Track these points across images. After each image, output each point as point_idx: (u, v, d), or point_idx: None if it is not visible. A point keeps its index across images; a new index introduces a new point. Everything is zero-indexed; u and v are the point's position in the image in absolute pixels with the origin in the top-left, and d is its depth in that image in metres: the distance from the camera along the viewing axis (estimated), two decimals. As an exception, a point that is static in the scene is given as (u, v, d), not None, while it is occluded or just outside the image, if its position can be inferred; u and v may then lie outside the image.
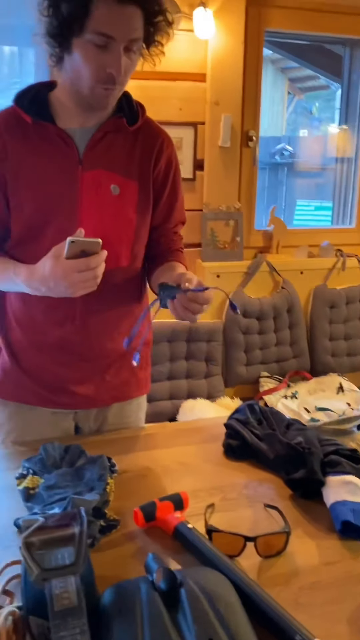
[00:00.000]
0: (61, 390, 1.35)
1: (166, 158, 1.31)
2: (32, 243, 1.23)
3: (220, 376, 2.68)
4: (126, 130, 1.24)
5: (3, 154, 1.21)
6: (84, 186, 1.22)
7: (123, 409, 1.44)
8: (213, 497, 1.15)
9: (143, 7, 1.10)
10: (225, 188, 2.64)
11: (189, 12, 2.36)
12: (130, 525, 1.05)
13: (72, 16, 1.07)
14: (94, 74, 1.11)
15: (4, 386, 1.37)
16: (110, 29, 1.07)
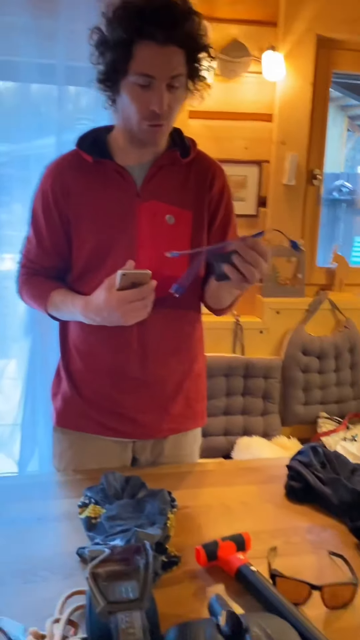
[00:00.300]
0: (120, 419, 1.36)
1: (218, 187, 1.35)
2: (94, 274, 1.28)
3: (277, 414, 2.63)
4: (180, 163, 1.30)
5: (66, 194, 1.28)
6: (141, 217, 1.27)
7: (179, 441, 1.44)
8: (275, 540, 1.12)
9: (184, 46, 1.14)
10: (288, 225, 2.64)
11: (258, 55, 2.42)
12: (191, 563, 1.04)
13: (117, 61, 1.14)
14: (140, 112, 1.17)
15: (65, 415, 1.40)
16: (151, 69, 1.13)
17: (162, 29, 1.10)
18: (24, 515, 1.17)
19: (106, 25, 1.15)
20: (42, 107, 2.26)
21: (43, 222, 1.32)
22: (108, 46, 1.14)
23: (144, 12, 1.10)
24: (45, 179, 1.31)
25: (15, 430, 2.42)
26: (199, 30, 1.16)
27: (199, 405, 1.46)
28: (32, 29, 2.10)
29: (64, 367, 1.40)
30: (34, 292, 1.37)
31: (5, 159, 2.27)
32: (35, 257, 1.37)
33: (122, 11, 1.13)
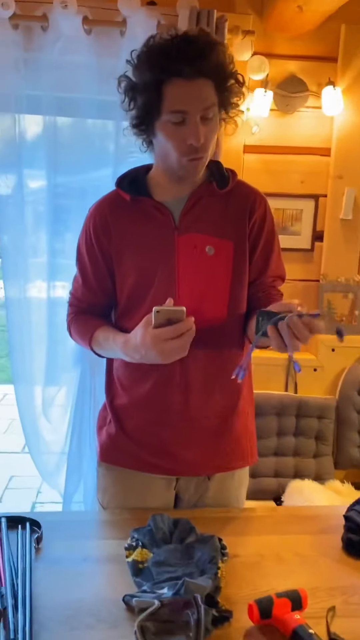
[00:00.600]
0: (164, 455, 1.33)
1: (259, 214, 1.33)
2: (136, 309, 1.29)
3: (331, 457, 2.52)
4: (217, 194, 1.29)
5: (108, 234, 1.31)
6: (180, 249, 1.27)
7: (225, 483, 1.39)
8: (334, 599, 1.04)
9: (211, 77, 1.15)
10: (345, 260, 2.58)
11: (317, 90, 2.42)
12: (243, 620, 0.97)
13: (149, 104, 1.16)
14: (177, 149, 1.18)
15: (110, 451, 1.39)
16: (182, 105, 1.14)
17: (187, 64, 1.12)
18: (69, 555, 1.14)
19: (133, 71, 1.18)
20: (97, 141, 2.32)
21: (87, 261, 1.35)
22: (138, 91, 1.17)
23: (167, 51, 1.13)
24: (88, 219, 1.34)
25: (62, 459, 2.41)
26: (225, 59, 1.17)
27: (247, 443, 1.41)
28: (95, 67, 2.17)
29: (109, 402, 1.40)
30: (79, 330, 1.38)
31: (62, 190, 2.32)
32: (82, 295, 1.40)
33: (146, 55, 1.16)
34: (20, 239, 2.29)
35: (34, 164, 2.29)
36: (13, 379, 2.40)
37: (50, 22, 2.09)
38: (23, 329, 2.33)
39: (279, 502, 2.32)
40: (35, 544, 1.16)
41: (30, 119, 2.28)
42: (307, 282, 2.60)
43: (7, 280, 2.31)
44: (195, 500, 1.39)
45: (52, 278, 2.31)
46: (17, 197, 2.26)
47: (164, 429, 1.32)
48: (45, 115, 2.23)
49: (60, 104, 2.22)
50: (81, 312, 1.41)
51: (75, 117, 2.28)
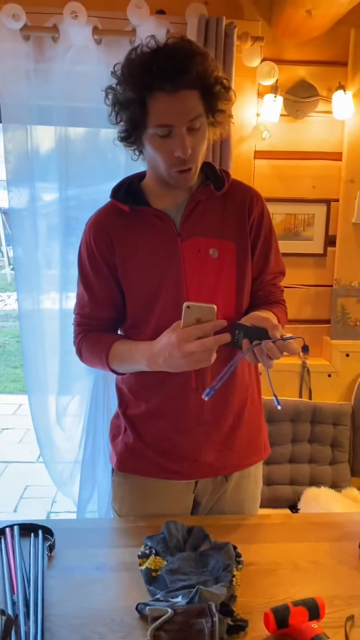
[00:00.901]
0: (183, 460, 1.32)
1: (257, 212, 1.33)
2: (146, 320, 1.28)
3: (347, 464, 2.48)
4: (215, 195, 1.29)
5: (110, 246, 1.29)
6: (184, 255, 1.26)
7: (241, 482, 1.39)
8: (352, 608, 1.02)
9: (195, 87, 1.13)
10: (358, 264, 2.55)
11: (327, 95, 2.41)
12: (259, 629, 0.95)
13: (134, 119, 1.15)
14: (166, 161, 1.18)
15: (128, 460, 1.37)
16: (167, 118, 1.13)
17: (168, 80, 1.10)
18: (82, 563, 1.13)
19: (116, 85, 1.17)
20: (109, 153, 2.33)
21: (92, 275, 1.32)
22: (122, 106, 1.16)
23: (147, 67, 1.10)
24: (87, 233, 1.32)
25: (76, 468, 2.40)
26: (208, 68, 1.15)
27: (260, 437, 1.42)
28: (105, 77, 2.17)
29: (122, 412, 1.39)
30: (93, 348, 1.33)
31: (74, 203, 2.34)
32: (90, 311, 1.36)
33: (127, 70, 1.14)
34: (33, 252, 2.30)
35: (46, 176, 2.31)
36: (27, 389, 2.41)
37: (61, 33, 2.11)
38: (36, 340, 2.35)
39: (295, 510, 2.29)
40: (48, 552, 1.15)
41: (42, 132, 2.30)
42: (320, 287, 2.58)
43: (21, 292, 2.33)
44: (213, 502, 1.38)
45: (65, 289, 2.32)
46: (29, 210, 2.27)
47: (182, 435, 1.31)
48: (56, 126, 2.25)
49: (71, 114, 2.23)
50: (91, 331, 1.36)
51: (86, 126, 2.29)
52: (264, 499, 2.31)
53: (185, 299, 1.24)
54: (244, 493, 1.40)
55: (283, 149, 2.45)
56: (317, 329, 2.59)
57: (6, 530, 1.20)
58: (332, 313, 2.57)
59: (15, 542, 1.16)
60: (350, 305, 2.56)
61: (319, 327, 2.60)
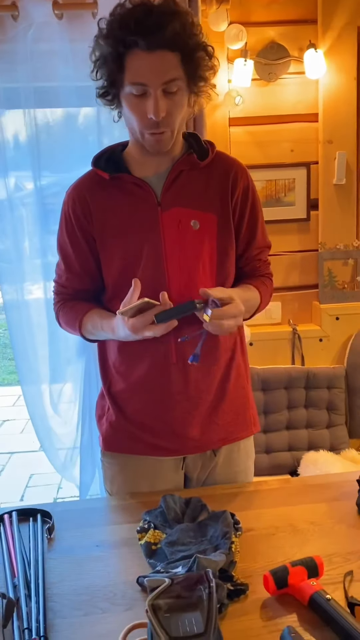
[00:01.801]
0: (169, 436, 1.31)
1: (242, 186, 1.31)
2: (124, 288, 1.24)
3: (344, 426, 2.50)
4: (198, 166, 1.27)
5: (88, 215, 1.27)
6: (164, 225, 1.24)
7: (231, 455, 1.38)
8: (350, 564, 1.03)
9: (175, 49, 1.11)
10: (342, 226, 2.53)
11: (299, 55, 2.36)
12: (260, 591, 0.96)
13: (111, 74, 1.14)
14: (139, 122, 1.16)
15: (113, 439, 1.36)
16: (142, 77, 1.11)
17: (144, 36, 1.08)
18: (81, 543, 1.13)
19: (97, 41, 1.15)
20: (90, 136, 2.28)
21: (69, 246, 1.31)
22: (100, 61, 1.15)
23: (125, 22, 1.09)
24: (66, 202, 1.30)
25: (75, 453, 2.41)
26: (190, 30, 1.12)
27: (248, 412, 1.40)
28: (70, 53, 2.13)
29: (107, 391, 1.38)
30: (67, 319, 1.36)
31: (57, 189, 2.29)
32: (66, 281, 1.36)
33: (108, 25, 1.13)
34: (15, 242, 2.27)
35: (22, 164, 2.26)
36: (20, 380, 2.40)
37: (20, 11, 2.05)
38: (24, 331, 2.33)
39: (295, 475, 2.31)
40: (47, 535, 1.15)
41: (11, 117, 2.24)
42: (306, 252, 2.56)
43: (5, 284, 2.30)
44: (204, 478, 1.37)
45: (49, 278, 2.29)
46: (8, 200, 2.23)
47: (165, 410, 1.30)
48: (25, 109, 2.19)
49: (39, 95, 2.18)
50: (68, 299, 1.38)
51: (56, 107, 2.24)
52: (263, 467, 2.34)
53: (165, 271, 1.24)
54: (235, 467, 1.39)
55: (258, 114, 2.42)
56: (305, 295, 2.59)
57: (4, 516, 1.20)
58: (320, 277, 2.56)
59: (13, 527, 1.16)
60: (336, 268, 2.55)
61: (307, 292, 2.59)
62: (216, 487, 1.35)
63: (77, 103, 2.22)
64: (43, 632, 0.87)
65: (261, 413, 2.42)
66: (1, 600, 0.91)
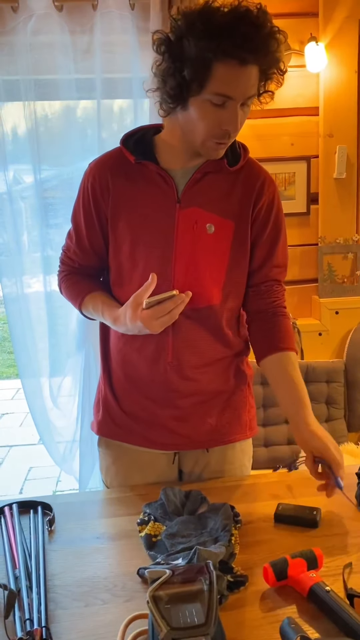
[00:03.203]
0: (161, 430, 1.31)
1: (268, 199, 1.27)
2: (128, 279, 1.25)
3: (343, 420, 2.51)
4: (227, 170, 1.23)
5: (106, 193, 1.25)
6: (180, 223, 1.22)
7: (225, 453, 1.37)
8: (350, 556, 1.04)
9: (261, 64, 1.08)
10: (342, 220, 2.53)
11: (300, 48, 2.35)
12: (259, 583, 0.97)
13: (193, 78, 1.07)
14: (209, 130, 1.12)
15: (107, 425, 1.36)
16: (229, 89, 1.07)
17: (248, 50, 1.03)
18: (82, 535, 1.14)
19: (181, 37, 1.06)
20: (89, 130, 2.27)
21: (82, 220, 1.30)
22: (184, 61, 1.07)
23: (230, 30, 1.02)
24: (87, 176, 1.28)
25: (75, 446, 2.42)
26: (280, 49, 1.09)
27: (246, 416, 1.38)
28: (70, 45, 2.12)
29: (106, 378, 1.37)
30: (69, 293, 1.36)
31: (55, 183, 2.29)
32: (73, 254, 1.35)
33: (204, 26, 1.04)
34: (15, 236, 2.27)
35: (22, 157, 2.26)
36: (19, 373, 2.40)
37: (20, 2, 2.05)
38: (24, 324, 2.33)
39: (294, 468, 2.32)
40: (48, 527, 1.15)
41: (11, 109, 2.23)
42: (305, 246, 2.57)
43: (4, 277, 2.30)
44: (198, 473, 1.37)
45: (48, 272, 2.30)
46: (6, 193, 2.23)
47: (159, 406, 1.30)
48: (24, 101, 2.19)
49: (38, 88, 2.18)
50: (72, 272, 1.37)
51: (55, 99, 2.24)
52: (262, 460, 2.34)
53: (171, 269, 1.22)
54: (229, 464, 1.38)
55: (258, 108, 2.40)
56: (305, 289, 2.59)
57: (5, 509, 1.20)
58: (319, 271, 2.56)
59: (14, 519, 1.16)
60: (336, 262, 2.56)
61: (306, 286, 2.59)
62: (216, 480, 1.35)
63: (77, 96, 2.22)
64: (44, 623, 0.88)
65: (260, 407, 2.43)
66: (3, 592, 0.92)
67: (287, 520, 1.14)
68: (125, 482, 1.35)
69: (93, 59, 2.15)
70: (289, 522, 1.14)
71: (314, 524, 1.13)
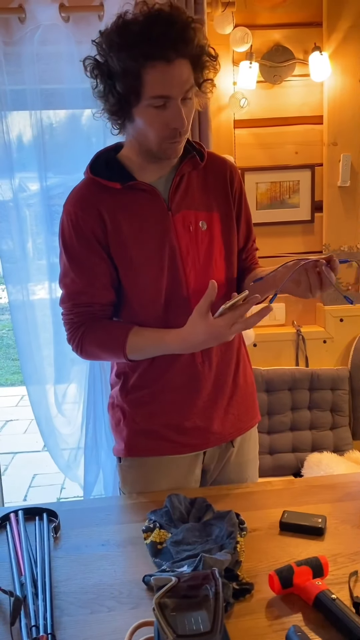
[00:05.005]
0: (193, 431, 1.33)
1: (237, 182, 1.35)
2: (152, 302, 1.26)
3: (348, 427, 2.50)
4: (198, 167, 1.29)
5: (102, 224, 1.23)
6: (177, 229, 1.25)
7: (244, 444, 1.42)
8: (356, 564, 1.03)
9: (189, 55, 1.10)
10: (346, 228, 2.54)
11: (304, 58, 2.37)
12: (265, 591, 0.97)
13: (127, 90, 1.09)
14: (159, 133, 1.14)
15: (135, 444, 1.34)
16: (164, 89, 1.09)
17: (169, 48, 1.06)
18: (88, 542, 1.14)
19: (106, 55, 1.09)
20: (94, 138, 2.29)
21: (86, 258, 1.24)
22: (115, 76, 1.09)
23: (146, 34, 1.05)
24: (72, 214, 1.24)
25: (79, 453, 2.42)
26: (198, 36, 1.11)
27: (254, 400, 1.45)
28: (76, 55, 2.14)
29: (124, 397, 1.35)
30: (102, 343, 1.26)
31: (61, 190, 2.30)
32: (89, 297, 1.26)
33: (121, 37, 1.07)
34: (20, 243, 2.28)
35: (28, 165, 2.27)
36: (25, 380, 2.41)
37: (27, 13, 2.06)
38: (30, 331, 2.34)
39: (299, 476, 2.31)
40: (54, 533, 1.16)
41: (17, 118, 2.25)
42: (310, 254, 2.56)
43: (10, 284, 2.31)
44: (219, 468, 1.41)
45: (54, 278, 2.31)
46: (14, 200, 2.24)
47: (190, 408, 1.32)
48: (31, 111, 2.21)
49: (45, 97, 2.19)
50: (92, 320, 1.27)
51: (62, 108, 2.26)
52: (267, 467, 2.34)
53: (183, 274, 1.25)
54: (246, 456, 1.43)
55: (263, 117, 2.42)
56: (309, 297, 2.59)
57: (11, 515, 1.21)
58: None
59: (20, 526, 1.16)
60: (341, 270, 2.55)
61: (311, 294, 2.59)
62: (221, 487, 1.35)
63: (83, 105, 2.23)
64: (50, 630, 0.88)
65: (265, 414, 2.43)
66: (9, 598, 0.92)
67: (293, 528, 1.14)
68: (150, 489, 1.34)
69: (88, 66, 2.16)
70: (294, 529, 1.14)
71: (320, 532, 1.13)
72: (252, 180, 2.44)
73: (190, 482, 1.37)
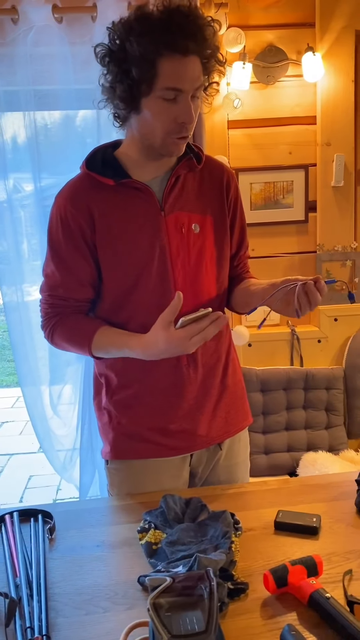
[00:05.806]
0: (178, 434, 1.32)
1: (234, 188, 1.35)
2: (129, 298, 1.25)
3: (343, 427, 2.51)
4: (195, 169, 1.29)
5: (91, 222, 1.23)
6: (169, 231, 1.24)
7: (233, 447, 1.41)
8: (350, 563, 1.04)
9: (201, 54, 1.12)
10: (340, 228, 2.54)
11: (297, 58, 2.37)
12: (260, 590, 0.97)
13: (141, 77, 1.10)
14: (165, 127, 1.15)
15: (123, 447, 1.34)
16: (178, 82, 1.10)
17: (188, 40, 1.08)
18: (83, 543, 1.14)
19: (123, 42, 1.09)
20: (88, 139, 2.29)
21: (69, 253, 1.25)
22: (130, 63, 1.09)
23: (166, 24, 1.07)
24: (61, 209, 1.24)
25: (75, 454, 2.42)
26: (216, 39, 1.14)
27: (244, 402, 1.44)
28: (69, 56, 2.14)
29: (109, 399, 1.35)
30: (70, 337, 1.29)
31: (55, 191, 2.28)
32: (65, 292, 1.28)
33: (142, 26, 1.08)
34: (15, 244, 2.28)
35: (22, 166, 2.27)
36: (20, 381, 2.41)
37: (20, 14, 2.07)
38: (24, 332, 2.34)
39: (294, 476, 2.32)
40: (49, 535, 1.16)
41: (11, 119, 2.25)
42: (304, 254, 2.58)
43: (5, 285, 2.31)
44: (208, 471, 1.40)
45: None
46: (8, 202, 2.24)
47: (176, 411, 1.31)
48: (24, 112, 2.20)
49: (38, 98, 2.19)
50: (65, 314, 1.30)
51: (55, 109, 2.25)
52: (262, 467, 2.35)
53: (171, 277, 1.24)
54: (235, 458, 1.42)
55: (256, 117, 2.43)
56: (304, 296, 2.59)
57: (6, 517, 1.21)
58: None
59: (15, 527, 1.16)
60: (335, 270, 2.57)
61: (305, 294, 2.60)
62: (216, 487, 1.36)
63: (77, 105, 2.23)
64: (45, 631, 0.88)
65: (260, 414, 2.43)
66: (3, 600, 0.92)
67: (287, 528, 1.15)
68: (137, 492, 1.34)
69: (92, 69, 2.16)
70: (289, 529, 1.14)
71: (314, 531, 1.13)
72: (246, 180, 2.45)
73: (177, 484, 1.36)
